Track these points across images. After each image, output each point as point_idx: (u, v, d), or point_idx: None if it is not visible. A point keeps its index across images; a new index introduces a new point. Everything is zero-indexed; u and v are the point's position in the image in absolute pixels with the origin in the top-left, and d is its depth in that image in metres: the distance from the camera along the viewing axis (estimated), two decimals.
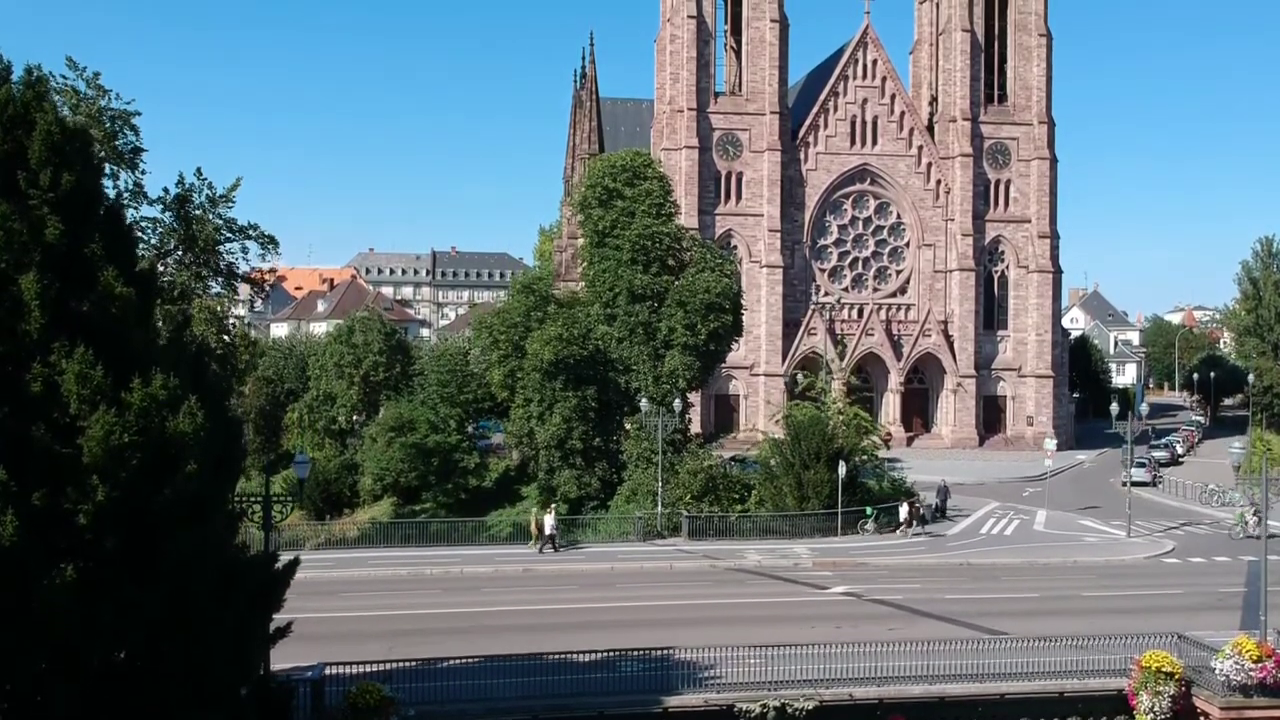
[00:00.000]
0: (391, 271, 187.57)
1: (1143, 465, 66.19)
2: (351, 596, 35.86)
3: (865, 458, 52.01)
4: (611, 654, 26.93)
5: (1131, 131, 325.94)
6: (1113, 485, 65.94)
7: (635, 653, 27.28)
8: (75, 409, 16.22)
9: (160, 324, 43.84)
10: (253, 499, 24.38)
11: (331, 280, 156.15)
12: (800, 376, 71.91)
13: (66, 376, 16.16)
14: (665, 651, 27.19)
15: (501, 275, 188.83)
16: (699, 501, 47.58)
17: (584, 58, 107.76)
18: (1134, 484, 56.34)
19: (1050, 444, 58.99)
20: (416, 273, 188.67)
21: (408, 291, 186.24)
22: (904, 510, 49.69)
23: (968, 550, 44.84)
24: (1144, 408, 56.30)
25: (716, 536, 46.30)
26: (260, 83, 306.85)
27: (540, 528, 45.24)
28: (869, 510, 47.99)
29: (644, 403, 51.89)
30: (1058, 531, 50.01)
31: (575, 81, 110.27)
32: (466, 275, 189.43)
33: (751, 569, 40.66)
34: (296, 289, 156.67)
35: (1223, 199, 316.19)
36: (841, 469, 46.11)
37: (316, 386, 78.03)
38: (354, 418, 76.85)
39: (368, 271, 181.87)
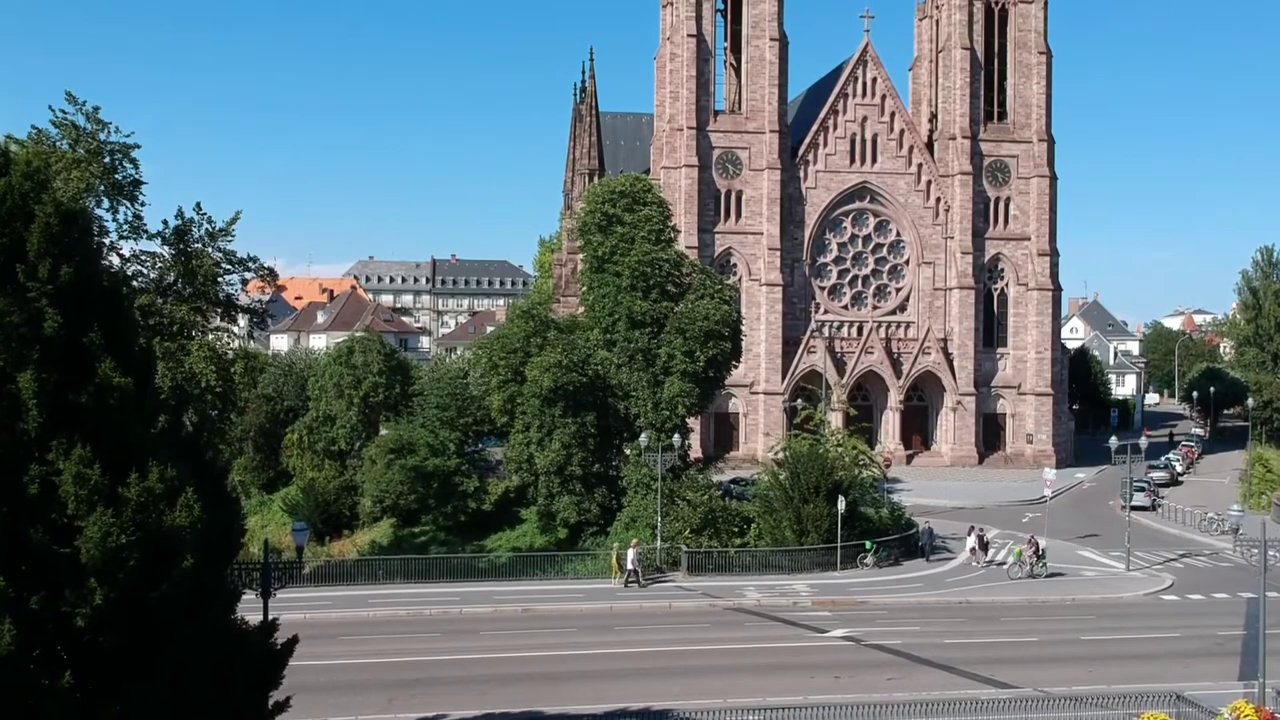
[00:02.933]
0: (391, 279, 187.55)
1: (1142, 489, 66.01)
2: (351, 641, 35.81)
3: (864, 490, 51.99)
4: (610, 713, 26.99)
5: (1131, 135, 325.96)
6: (1112, 509, 65.88)
7: (634, 710, 27.35)
8: (73, 509, 16.20)
9: (159, 359, 43.98)
10: (253, 567, 24.35)
11: (331, 291, 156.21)
12: (800, 404, 71.85)
13: (64, 477, 16.15)
14: (665, 709, 27.26)
15: (502, 283, 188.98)
16: (698, 535, 47.50)
17: (584, 72, 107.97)
18: (1133, 508, 56.18)
19: (1050, 473, 58.91)
20: (416, 280, 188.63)
21: (408, 299, 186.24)
22: (971, 539, 49.80)
23: (967, 587, 44.80)
24: (1143, 440, 56.03)
25: (716, 571, 46.28)
26: (262, 91, 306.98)
27: (621, 563, 45.09)
28: (868, 544, 47.91)
29: (643, 437, 51.83)
30: (1057, 565, 49.94)
31: (575, 95, 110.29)
32: (467, 283, 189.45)
33: (751, 609, 40.60)
34: (296, 298, 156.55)
35: (1223, 199, 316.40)
36: (841, 503, 46.02)
37: (316, 407, 77.95)
38: (353, 439, 76.80)
39: (367, 279, 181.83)
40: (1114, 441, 54.06)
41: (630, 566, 44.33)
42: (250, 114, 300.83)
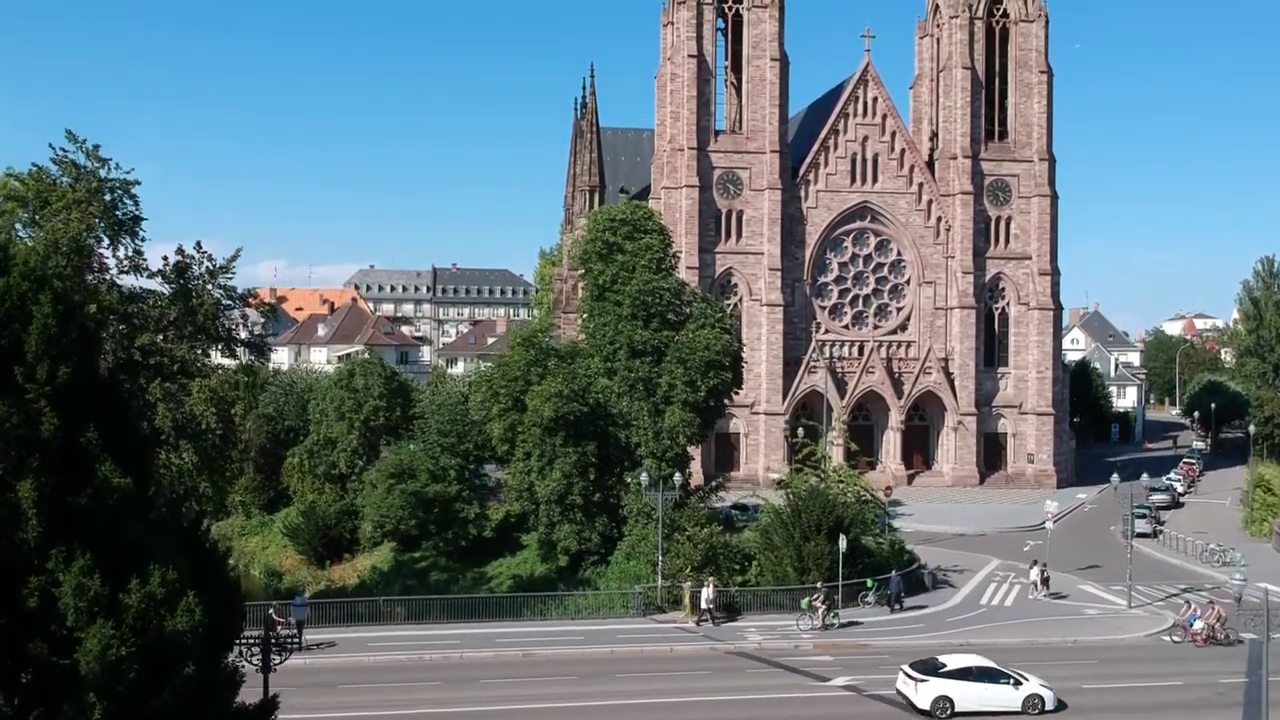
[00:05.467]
0: (392, 288, 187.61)
1: (1143, 515, 65.88)
2: (349, 690, 35.73)
3: (866, 526, 51.91)
4: None
5: (1130, 137, 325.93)
6: (1113, 535, 65.65)
7: None
8: (72, 621, 16.11)
9: (158, 402, 43.50)
10: (252, 641, 24.25)
11: (332, 303, 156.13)
12: (801, 437, 71.70)
13: (64, 588, 16.06)
14: None
15: (503, 292, 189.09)
16: (699, 573, 47.35)
17: (584, 88, 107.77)
18: (1136, 535, 55.99)
19: (1051, 505, 58.89)
20: (417, 289, 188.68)
21: (408, 308, 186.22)
22: (1035, 571, 49.79)
23: (968, 627, 44.63)
24: (1145, 477, 55.82)
25: (717, 610, 46.06)
26: (262, 91, 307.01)
27: (695, 601, 44.91)
28: (869, 582, 47.80)
29: (644, 476, 51.77)
30: (1058, 601, 49.83)
31: (576, 111, 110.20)
32: (468, 292, 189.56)
33: (752, 653, 40.51)
34: (297, 309, 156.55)
35: (1223, 200, 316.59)
36: (842, 542, 45.87)
37: (317, 431, 77.90)
38: (354, 462, 76.71)
39: (368, 288, 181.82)
40: (1115, 479, 53.82)
41: (705, 606, 44.33)
42: (250, 114, 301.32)
